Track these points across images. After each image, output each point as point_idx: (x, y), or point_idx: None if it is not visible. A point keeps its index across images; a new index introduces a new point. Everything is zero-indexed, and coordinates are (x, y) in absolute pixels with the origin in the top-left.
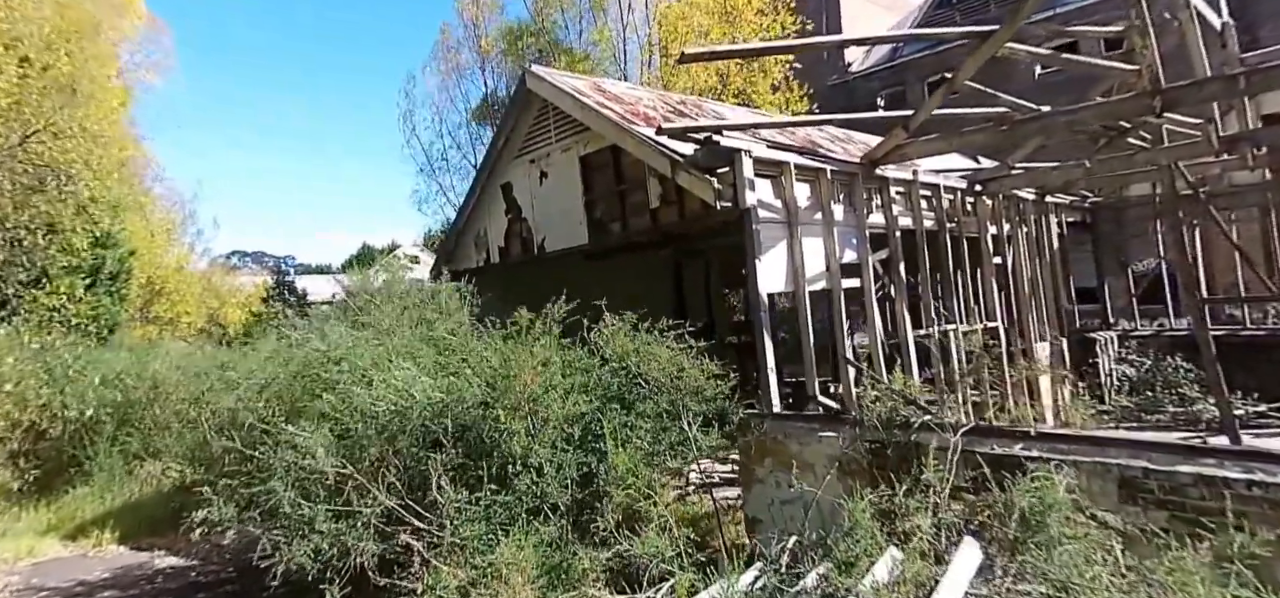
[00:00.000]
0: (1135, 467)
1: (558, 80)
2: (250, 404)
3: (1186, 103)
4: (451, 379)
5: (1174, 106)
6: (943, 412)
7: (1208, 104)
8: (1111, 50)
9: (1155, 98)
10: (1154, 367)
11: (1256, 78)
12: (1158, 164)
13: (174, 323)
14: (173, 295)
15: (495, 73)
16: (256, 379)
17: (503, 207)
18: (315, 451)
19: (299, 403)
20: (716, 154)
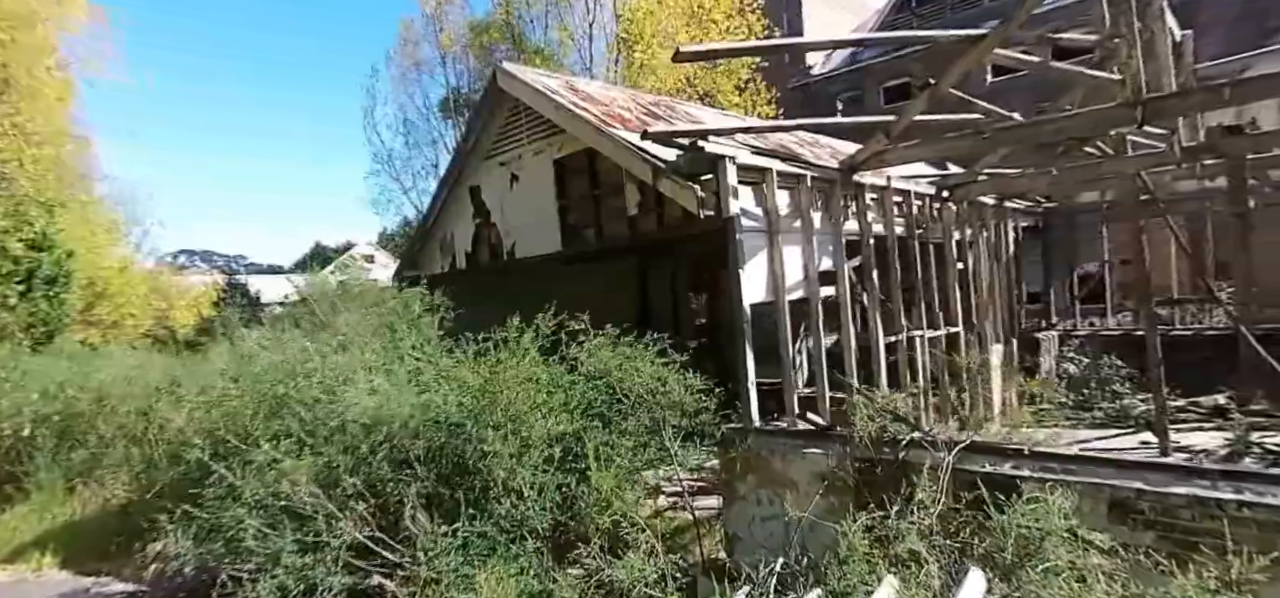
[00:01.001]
0: (1127, 488)
1: (531, 79)
2: (207, 425)
3: (1169, 113)
4: (427, 396)
5: (1156, 117)
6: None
7: (1186, 115)
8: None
9: (1137, 108)
10: (1091, 365)
11: (1239, 89)
12: (1123, 173)
13: (118, 326)
14: (117, 298)
15: (458, 68)
16: (213, 397)
17: (470, 210)
18: (297, 479)
19: (261, 422)
20: (700, 160)
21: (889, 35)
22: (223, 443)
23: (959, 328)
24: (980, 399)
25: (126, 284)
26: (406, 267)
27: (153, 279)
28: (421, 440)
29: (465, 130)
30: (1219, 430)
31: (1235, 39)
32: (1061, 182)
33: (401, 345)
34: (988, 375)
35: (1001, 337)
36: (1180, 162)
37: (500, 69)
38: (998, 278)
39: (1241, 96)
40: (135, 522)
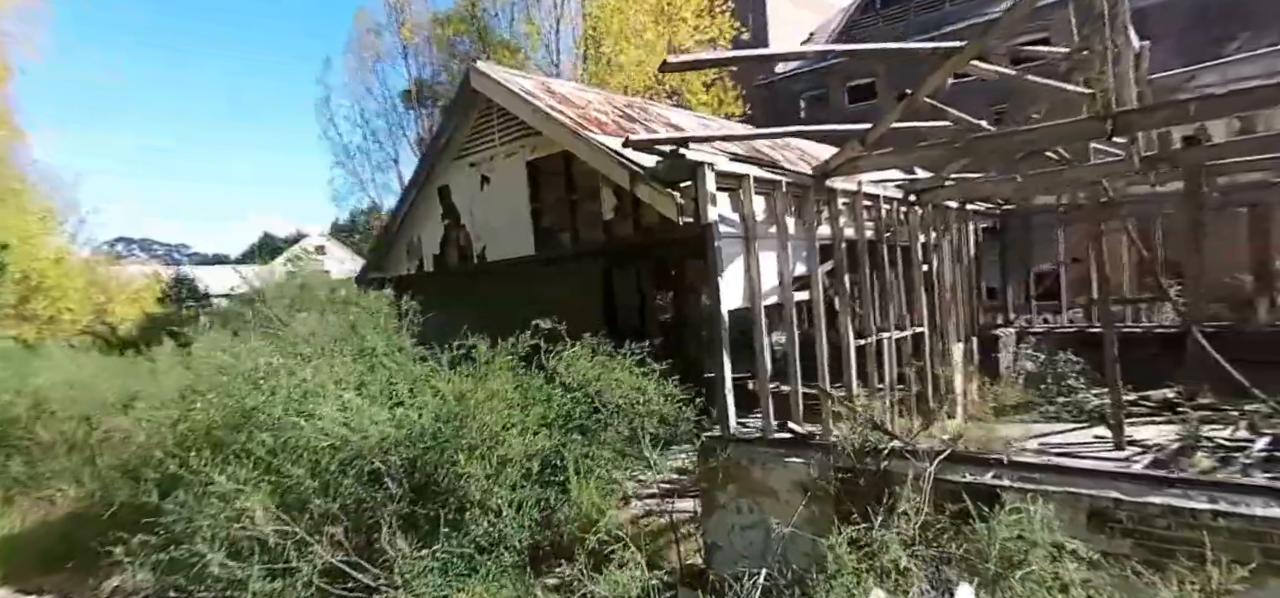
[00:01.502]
0: (1105, 497)
1: (506, 80)
2: (169, 440)
3: (1136, 127)
4: (401, 411)
5: (1124, 131)
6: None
7: (1151, 129)
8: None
9: (1107, 121)
10: (1047, 362)
11: (1203, 105)
12: (1083, 180)
13: (55, 322)
14: (53, 291)
15: (420, 60)
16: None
17: (439, 212)
18: (258, 514)
19: (221, 437)
20: (679, 167)
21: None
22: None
23: (924, 328)
24: (944, 396)
25: (63, 276)
26: (372, 269)
27: (90, 270)
28: (395, 457)
29: (435, 130)
30: (1169, 424)
31: (1184, 48)
32: (1025, 187)
33: (373, 357)
34: (951, 373)
35: (963, 335)
36: (1140, 170)
37: (474, 69)
38: (960, 278)
39: (1206, 113)
40: (83, 537)
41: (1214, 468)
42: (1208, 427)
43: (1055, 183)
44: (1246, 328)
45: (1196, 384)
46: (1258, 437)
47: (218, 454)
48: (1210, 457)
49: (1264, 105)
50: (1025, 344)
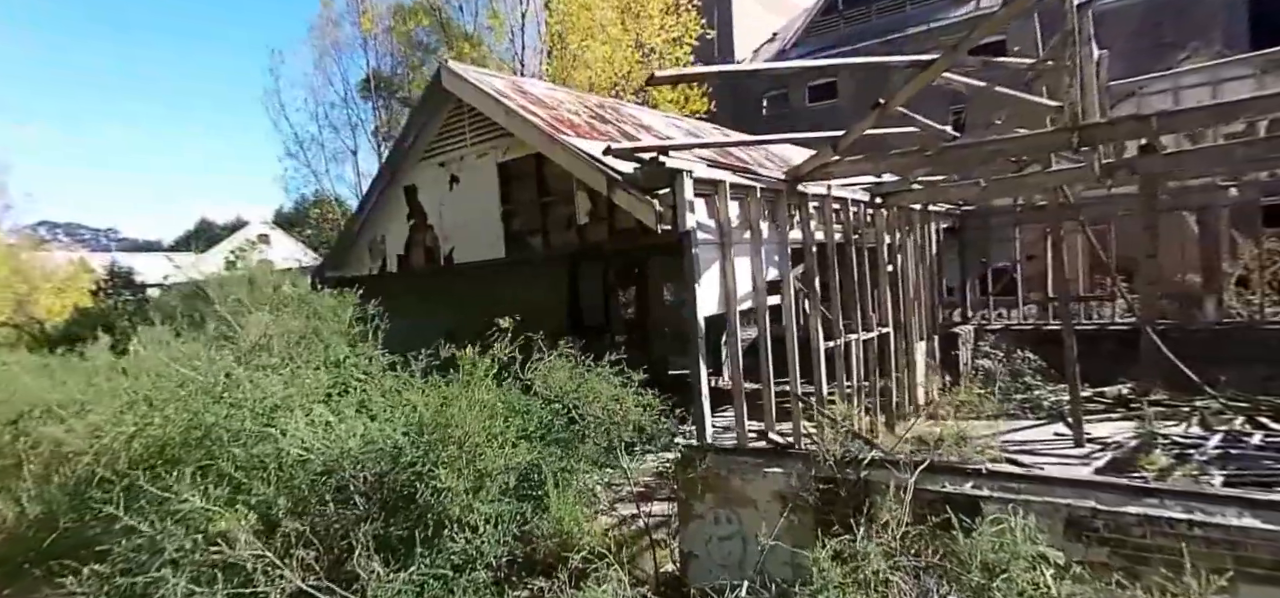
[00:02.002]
0: (1083, 507)
1: (477, 79)
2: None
3: (1101, 139)
4: (375, 425)
5: (1089, 143)
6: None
7: (1116, 141)
8: None
9: (1074, 134)
10: (1006, 359)
11: (1164, 119)
12: (1046, 186)
13: None
14: None
15: (379, 51)
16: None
17: (405, 212)
18: (234, 536)
19: (178, 454)
20: (658, 174)
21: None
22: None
23: (889, 328)
24: (907, 395)
25: None
26: (331, 267)
27: (12, 257)
28: (367, 473)
29: (403, 127)
30: (1125, 420)
31: (1132, 54)
32: (988, 191)
33: (341, 368)
34: (914, 372)
35: (925, 334)
36: (1100, 177)
37: (445, 68)
38: (922, 278)
39: (1168, 127)
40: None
41: (1171, 465)
42: (1162, 423)
43: (1017, 187)
44: (1194, 326)
45: (1150, 381)
46: (1210, 434)
47: (174, 471)
48: (1167, 454)
49: (1220, 121)
50: (984, 341)
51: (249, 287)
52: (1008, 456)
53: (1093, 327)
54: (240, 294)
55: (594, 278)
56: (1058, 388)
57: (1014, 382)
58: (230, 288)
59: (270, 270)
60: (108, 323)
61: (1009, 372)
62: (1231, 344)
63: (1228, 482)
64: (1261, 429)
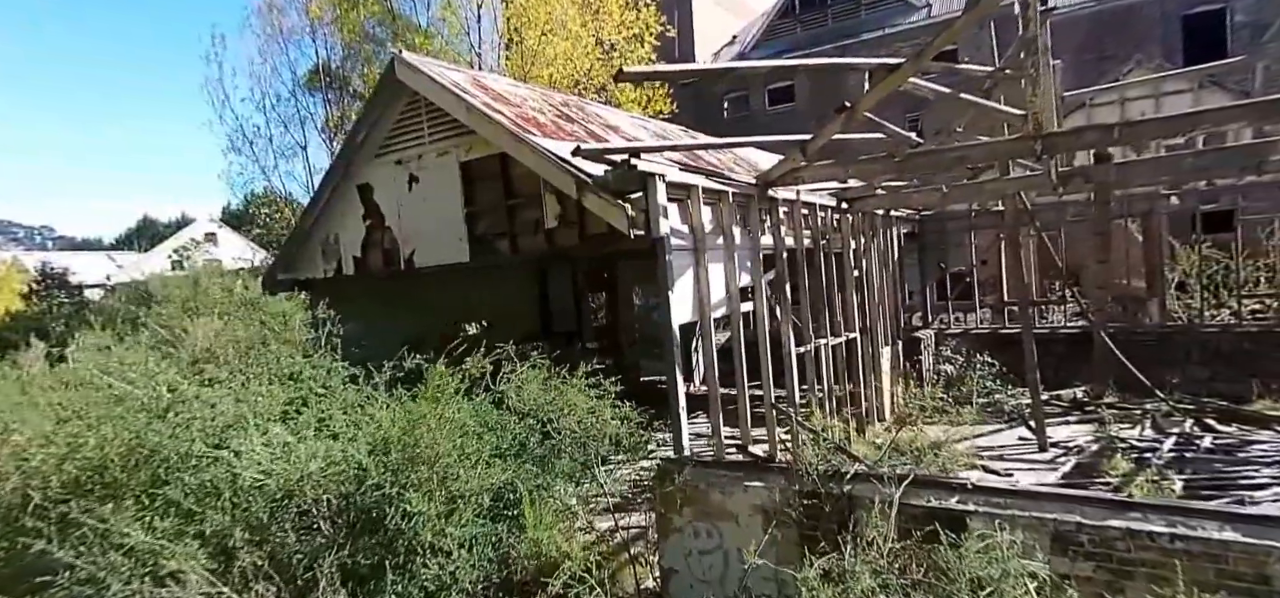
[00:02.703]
0: (1068, 522)
1: (436, 73)
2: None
3: (1063, 148)
4: (337, 445)
5: (1051, 151)
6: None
7: (1078, 150)
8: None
9: (1037, 142)
10: (966, 363)
11: (1127, 130)
12: (1004, 192)
13: None
14: None
15: (329, 41)
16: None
17: (360, 211)
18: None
19: (119, 477)
20: (629, 178)
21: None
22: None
23: (856, 333)
24: (875, 400)
25: None
26: (282, 269)
27: None
28: (331, 497)
29: (355, 122)
30: (1081, 423)
31: (1078, 66)
32: (949, 196)
33: (297, 382)
34: (880, 377)
35: (890, 338)
36: (1056, 185)
37: (399, 59)
38: (886, 283)
39: (1132, 136)
40: None
41: (1132, 470)
42: (1116, 426)
43: (977, 193)
44: (1140, 329)
45: (1103, 384)
46: (1163, 437)
47: (115, 496)
48: (1126, 458)
49: (1181, 132)
50: (944, 346)
51: (194, 288)
52: (981, 464)
53: (1045, 330)
54: (185, 296)
55: (564, 282)
56: (1016, 391)
57: (974, 386)
58: (175, 290)
59: (220, 271)
60: (41, 328)
61: (970, 376)
62: (1173, 347)
63: (1187, 487)
64: (1210, 432)
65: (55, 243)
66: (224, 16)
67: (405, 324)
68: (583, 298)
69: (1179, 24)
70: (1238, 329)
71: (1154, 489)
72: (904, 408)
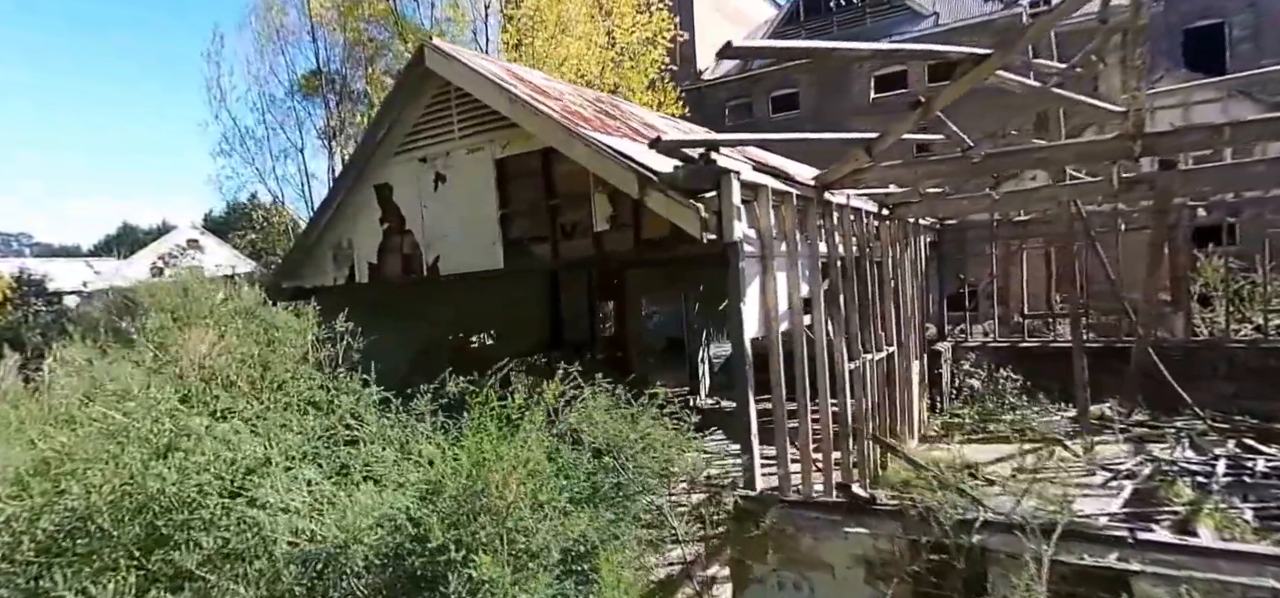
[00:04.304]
0: (1261, 587)
1: (472, 61)
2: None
3: (1165, 149)
4: (384, 495)
5: (1151, 152)
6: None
7: (1181, 151)
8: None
9: (1137, 142)
10: (989, 378)
11: (1237, 130)
12: (1059, 200)
13: None
14: None
15: (329, 43)
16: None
17: (377, 213)
18: None
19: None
20: (701, 175)
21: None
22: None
23: (894, 347)
24: (906, 418)
25: None
26: (286, 276)
27: None
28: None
29: (376, 116)
30: (1120, 442)
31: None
32: (1000, 203)
33: (324, 410)
34: (912, 393)
35: (919, 353)
36: (1117, 192)
37: (429, 46)
38: (915, 294)
39: (1241, 137)
40: None
41: (1197, 500)
42: (1153, 446)
43: (1026, 200)
44: (1164, 344)
45: (1133, 401)
46: (1207, 458)
47: (104, 558)
48: (1186, 484)
49: None
50: (964, 360)
51: (185, 296)
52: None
53: (1067, 344)
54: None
55: (577, 291)
56: (1046, 408)
57: (1000, 402)
58: (166, 297)
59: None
60: (16, 339)
61: (995, 391)
62: (1199, 362)
63: (1259, 517)
64: (1254, 453)
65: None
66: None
67: (412, 335)
68: (595, 307)
69: (1181, 36)
70: (1264, 344)
71: (1224, 521)
72: (930, 426)
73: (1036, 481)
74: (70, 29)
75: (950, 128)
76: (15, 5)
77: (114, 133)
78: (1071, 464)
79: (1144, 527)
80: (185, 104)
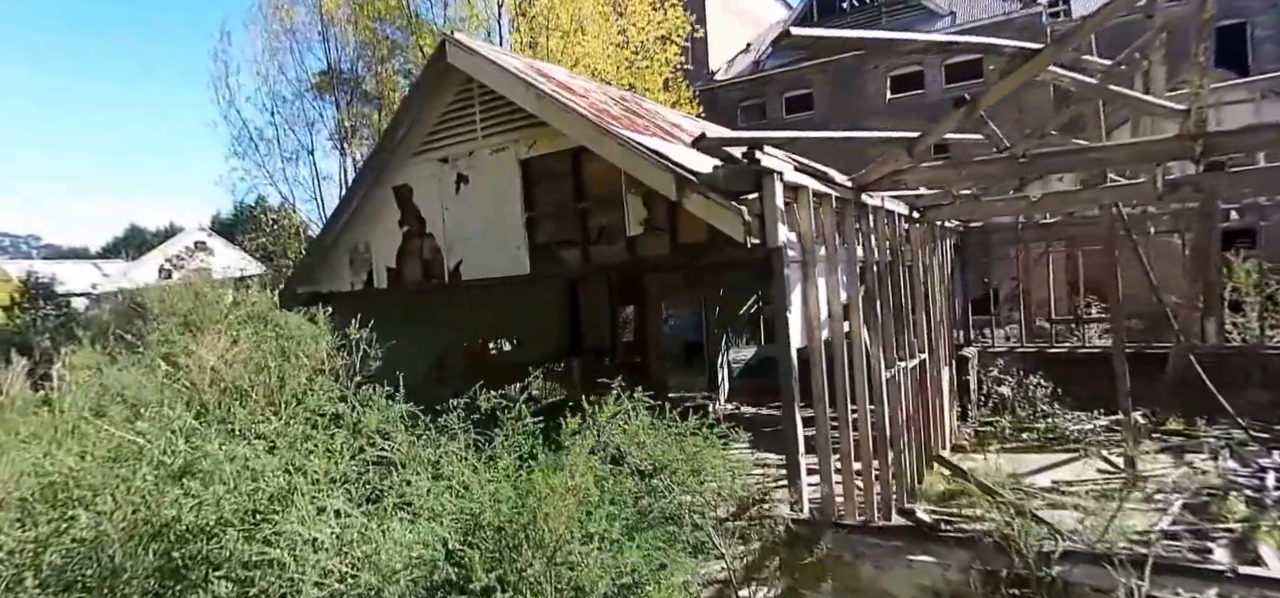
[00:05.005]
0: None
1: (498, 56)
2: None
3: (1228, 149)
4: (417, 527)
5: (1214, 151)
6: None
7: (1248, 151)
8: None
9: (1197, 142)
10: (1019, 384)
11: None
12: (1100, 202)
13: None
14: None
15: (340, 43)
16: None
17: (396, 216)
18: None
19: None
20: (742, 175)
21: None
22: None
23: (926, 355)
24: (936, 427)
25: None
26: (300, 281)
27: None
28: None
29: (394, 116)
30: (1159, 451)
31: None
32: (1038, 206)
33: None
34: (942, 400)
35: (947, 359)
36: (1160, 195)
37: (451, 40)
38: (943, 299)
39: None
40: None
41: (1253, 516)
42: (1192, 456)
43: (1069, 203)
44: (1199, 351)
45: (1167, 409)
46: (1252, 469)
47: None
48: (1237, 498)
49: None
50: (991, 366)
51: (196, 300)
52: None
53: (1097, 350)
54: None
55: (598, 296)
56: (1075, 416)
57: (1031, 409)
58: (177, 302)
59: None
60: (24, 344)
61: (1023, 398)
62: (1232, 369)
63: None
64: None
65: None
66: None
67: (429, 342)
68: (616, 312)
69: (1212, 42)
70: None
71: None
72: (959, 435)
73: (1079, 495)
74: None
75: (990, 127)
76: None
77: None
78: (1113, 476)
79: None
80: (188, 104)
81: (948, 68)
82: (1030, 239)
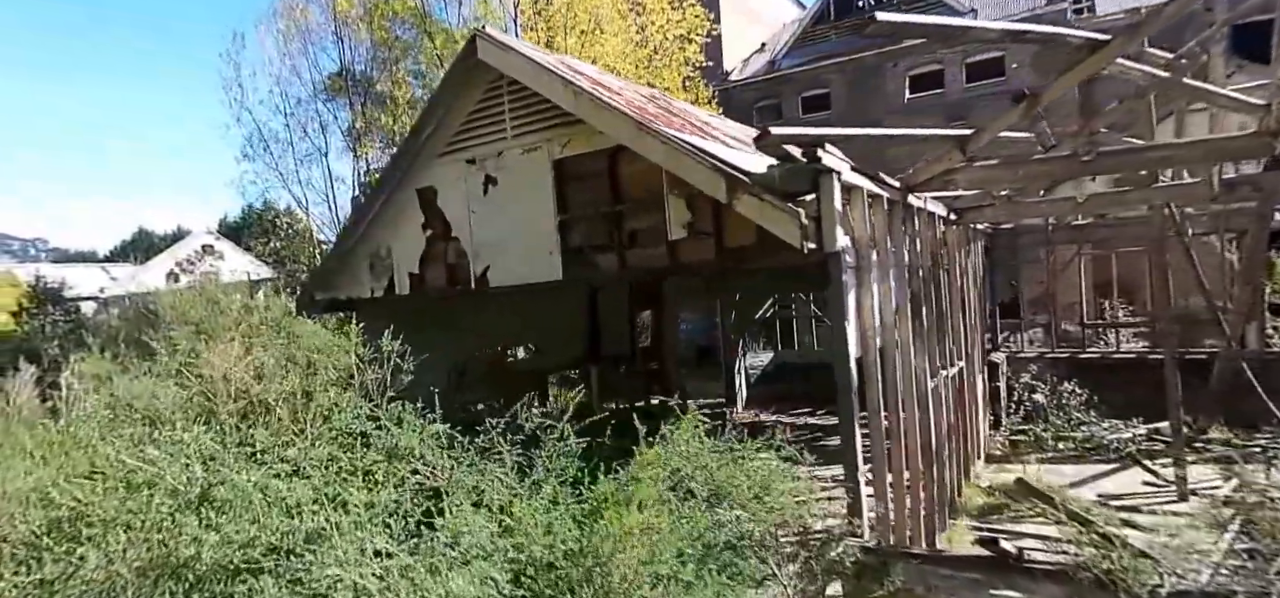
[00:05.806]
0: None
1: (532, 52)
2: None
3: None
4: (469, 569)
5: None
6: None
7: None
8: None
9: (1278, 138)
10: (1052, 392)
11: None
12: (1152, 202)
13: None
14: None
15: (353, 44)
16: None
17: (419, 219)
18: None
19: None
20: (799, 175)
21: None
22: None
23: (963, 362)
24: (972, 436)
25: None
26: (320, 287)
27: None
28: None
29: (420, 115)
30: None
31: None
32: (1084, 206)
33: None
34: (977, 410)
35: (980, 366)
36: (1215, 195)
37: (481, 35)
38: (976, 303)
39: None
40: None
41: None
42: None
43: (1118, 203)
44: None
45: (1211, 417)
46: None
47: None
48: None
49: None
50: (1023, 372)
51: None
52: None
53: (1131, 356)
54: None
55: (617, 302)
56: (1112, 424)
57: (1067, 418)
58: (189, 307)
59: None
60: (32, 350)
61: (1057, 406)
62: (1275, 375)
63: None
64: None
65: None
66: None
67: (451, 350)
68: (635, 318)
69: (1228, 31)
70: None
71: None
72: (992, 444)
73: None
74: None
75: (1042, 127)
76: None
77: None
78: (1160, 488)
79: None
80: (192, 106)
81: (968, 66)
82: (1060, 241)
